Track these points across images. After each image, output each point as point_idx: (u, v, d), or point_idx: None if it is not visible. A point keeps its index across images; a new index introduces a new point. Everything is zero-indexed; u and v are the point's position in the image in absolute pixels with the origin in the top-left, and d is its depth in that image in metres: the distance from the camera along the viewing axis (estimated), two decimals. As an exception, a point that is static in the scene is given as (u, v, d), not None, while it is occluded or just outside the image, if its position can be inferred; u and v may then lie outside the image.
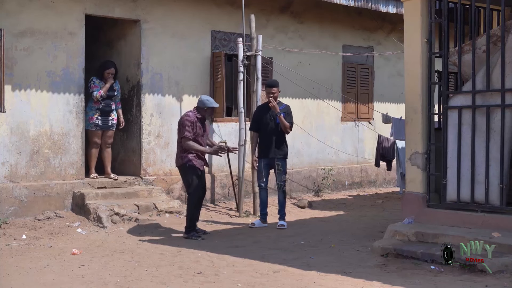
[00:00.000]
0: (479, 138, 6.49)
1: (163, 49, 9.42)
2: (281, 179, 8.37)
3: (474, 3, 6.62)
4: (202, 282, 5.48)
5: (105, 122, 8.96)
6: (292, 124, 8.46)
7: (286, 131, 8.37)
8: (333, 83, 11.50)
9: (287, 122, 8.30)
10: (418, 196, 6.91)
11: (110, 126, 9.02)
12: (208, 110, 7.66)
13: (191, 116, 7.57)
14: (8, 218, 7.95)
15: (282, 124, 8.30)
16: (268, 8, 10.53)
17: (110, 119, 9.01)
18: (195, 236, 7.47)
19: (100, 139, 8.96)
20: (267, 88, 8.38)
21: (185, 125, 7.52)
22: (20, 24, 8.16)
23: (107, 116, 8.97)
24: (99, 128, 8.92)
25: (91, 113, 8.86)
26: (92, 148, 8.95)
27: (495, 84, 6.44)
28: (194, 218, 7.64)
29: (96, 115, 8.86)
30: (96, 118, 8.86)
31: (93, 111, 8.86)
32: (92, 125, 8.86)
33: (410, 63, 7.06)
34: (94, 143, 8.93)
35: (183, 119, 7.61)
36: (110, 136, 9.09)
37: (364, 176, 12.07)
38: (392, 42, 11.75)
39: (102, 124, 8.93)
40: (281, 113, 8.28)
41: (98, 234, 7.68)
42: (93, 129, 8.87)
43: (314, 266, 5.99)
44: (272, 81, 8.59)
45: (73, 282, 5.44)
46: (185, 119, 7.58)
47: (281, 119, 8.28)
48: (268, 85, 8.40)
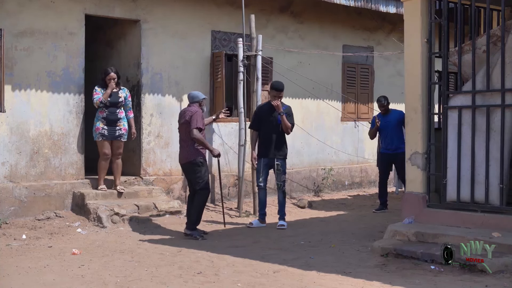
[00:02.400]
0: (479, 138, 6.49)
1: (163, 49, 9.42)
2: (281, 179, 8.38)
3: (474, 3, 6.62)
4: (202, 282, 5.49)
5: (112, 132, 8.54)
6: (293, 125, 8.47)
7: (287, 131, 8.37)
8: (333, 83, 11.50)
9: (289, 123, 8.30)
10: (418, 196, 6.91)
11: (117, 136, 8.57)
12: (203, 102, 7.79)
13: (200, 110, 7.63)
14: (8, 218, 7.95)
15: (284, 124, 8.30)
16: (268, 8, 10.54)
17: (118, 129, 8.57)
18: (198, 235, 7.46)
19: (109, 150, 8.53)
20: (275, 91, 8.31)
21: (198, 115, 7.52)
22: (20, 24, 8.16)
23: (113, 126, 8.54)
24: (106, 138, 8.50)
25: (98, 123, 8.51)
26: (102, 160, 8.55)
27: (495, 84, 6.44)
28: (201, 215, 7.66)
29: (101, 124, 8.49)
30: (102, 128, 8.48)
31: (99, 120, 8.51)
32: (98, 135, 8.50)
33: (410, 63, 7.06)
34: (103, 154, 8.52)
35: (193, 111, 7.56)
36: (120, 147, 8.62)
37: (364, 176, 12.08)
38: (392, 42, 11.75)
39: (108, 134, 8.51)
40: (284, 113, 8.29)
41: (98, 234, 7.68)
42: (99, 140, 8.50)
43: (314, 266, 5.99)
44: (281, 84, 8.49)
45: (73, 282, 5.44)
46: (195, 111, 7.56)
47: (283, 119, 8.28)
48: (277, 88, 8.34)
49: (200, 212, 7.64)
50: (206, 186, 7.67)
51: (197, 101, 7.73)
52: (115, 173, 8.71)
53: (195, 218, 7.60)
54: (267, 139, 8.34)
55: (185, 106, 9.42)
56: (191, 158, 7.60)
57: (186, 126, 7.61)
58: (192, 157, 7.60)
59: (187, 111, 7.72)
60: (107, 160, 8.59)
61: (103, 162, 8.60)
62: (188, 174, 7.80)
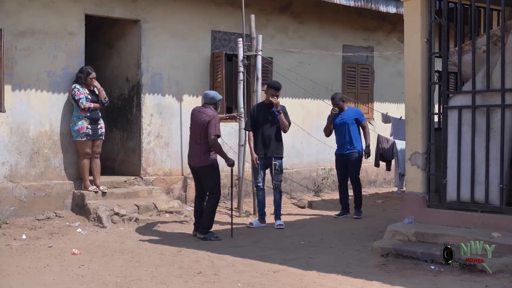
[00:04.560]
0: (479, 138, 6.48)
1: (163, 49, 9.42)
2: (278, 178, 8.37)
3: (474, 3, 6.62)
4: (202, 282, 5.49)
5: (95, 131, 8.50)
6: (290, 123, 8.47)
7: (285, 129, 8.39)
8: (333, 83, 11.50)
9: (286, 121, 8.32)
10: (418, 196, 6.91)
11: (99, 135, 8.58)
12: (219, 103, 7.66)
13: (217, 115, 7.48)
14: (8, 218, 7.95)
15: (282, 122, 8.31)
16: (268, 8, 10.54)
17: (99, 128, 8.58)
18: (213, 237, 7.40)
19: (90, 149, 8.51)
20: (272, 89, 8.31)
21: (216, 122, 7.35)
22: (20, 24, 8.16)
23: (96, 124, 8.51)
24: (90, 137, 8.46)
25: (80, 123, 8.39)
26: (84, 159, 8.47)
27: (495, 84, 6.44)
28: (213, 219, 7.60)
29: (85, 123, 8.40)
30: (86, 127, 8.40)
31: (82, 120, 8.39)
32: (82, 135, 8.40)
33: (410, 63, 7.06)
34: (86, 153, 8.45)
35: (211, 116, 7.33)
36: (99, 146, 8.61)
37: (364, 176, 12.04)
38: (392, 42, 11.74)
39: (92, 133, 8.47)
40: (281, 111, 8.31)
41: (98, 234, 7.68)
42: (83, 139, 8.41)
43: (314, 266, 5.99)
44: (278, 83, 8.52)
45: (73, 282, 5.44)
46: (214, 117, 7.34)
47: (281, 117, 8.29)
48: (275, 87, 8.35)
49: (212, 216, 7.54)
50: (218, 190, 7.60)
51: (214, 103, 7.54)
52: (95, 173, 8.61)
53: (208, 223, 7.48)
54: (265, 138, 8.32)
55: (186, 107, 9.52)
56: (207, 163, 7.45)
57: (202, 130, 7.38)
58: (207, 162, 7.44)
59: (203, 113, 7.44)
60: (89, 160, 8.54)
61: (86, 161, 8.49)
62: (201, 177, 7.60)
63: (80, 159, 8.53)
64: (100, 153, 8.70)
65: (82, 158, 8.51)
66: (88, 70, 8.55)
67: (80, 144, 8.47)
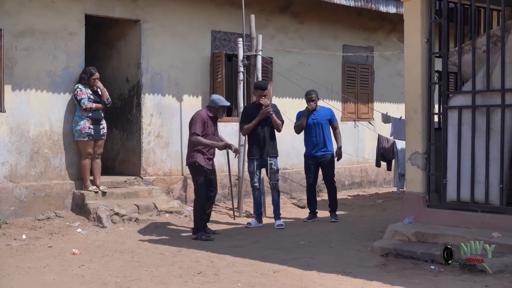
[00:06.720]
0: (479, 138, 6.48)
1: (163, 49, 9.42)
2: (275, 178, 8.35)
3: (474, 3, 6.62)
4: (202, 282, 5.49)
5: (97, 131, 8.55)
6: (283, 122, 8.43)
7: (278, 129, 8.36)
8: (333, 83, 11.50)
9: (279, 120, 8.30)
10: (418, 196, 6.91)
11: (101, 135, 8.62)
12: (220, 109, 7.68)
13: (203, 114, 7.59)
14: (8, 218, 7.96)
15: (275, 123, 8.28)
16: (268, 8, 10.54)
17: (102, 128, 8.62)
18: (204, 236, 7.42)
19: (92, 149, 8.54)
20: (260, 90, 8.25)
21: (196, 121, 7.53)
22: (20, 24, 8.17)
23: (98, 125, 8.56)
24: (92, 138, 8.49)
25: (82, 123, 8.43)
26: (86, 159, 8.50)
27: (495, 84, 6.44)
28: (203, 219, 7.58)
29: (88, 123, 8.44)
30: (88, 127, 8.44)
31: (84, 120, 8.43)
32: (84, 135, 8.43)
33: (410, 63, 7.06)
34: (88, 153, 8.49)
35: (195, 116, 7.62)
36: (101, 146, 8.64)
37: (364, 176, 12.08)
38: (392, 42, 11.75)
39: (94, 133, 8.51)
40: (273, 112, 8.27)
41: (98, 234, 7.68)
42: (85, 139, 8.45)
43: (314, 266, 5.98)
44: (264, 83, 8.51)
45: (73, 282, 5.44)
46: (197, 116, 7.59)
47: (273, 118, 8.26)
48: (261, 87, 8.29)
49: (199, 216, 7.54)
50: (200, 191, 7.57)
51: (212, 106, 7.63)
52: (95, 173, 8.63)
53: (195, 225, 7.57)
54: (259, 139, 8.28)
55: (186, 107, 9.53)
56: (188, 162, 7.66)
57: (189, 128, 7.64)
58: (189, 161, 7.65)
59: (193, 114, 7.74)
60: (91, 160, 8.56)
61: (87, 160, 8.52)
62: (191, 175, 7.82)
63: (81, 159, 8.55)
64: (102, 153, 8.72)
65: (83, 158, 8.53)
66: (92, 71, 8.58)
67: (82, 144, 8.49)
